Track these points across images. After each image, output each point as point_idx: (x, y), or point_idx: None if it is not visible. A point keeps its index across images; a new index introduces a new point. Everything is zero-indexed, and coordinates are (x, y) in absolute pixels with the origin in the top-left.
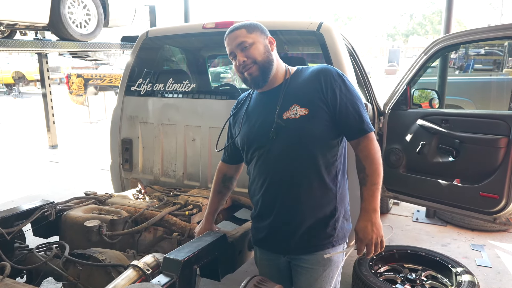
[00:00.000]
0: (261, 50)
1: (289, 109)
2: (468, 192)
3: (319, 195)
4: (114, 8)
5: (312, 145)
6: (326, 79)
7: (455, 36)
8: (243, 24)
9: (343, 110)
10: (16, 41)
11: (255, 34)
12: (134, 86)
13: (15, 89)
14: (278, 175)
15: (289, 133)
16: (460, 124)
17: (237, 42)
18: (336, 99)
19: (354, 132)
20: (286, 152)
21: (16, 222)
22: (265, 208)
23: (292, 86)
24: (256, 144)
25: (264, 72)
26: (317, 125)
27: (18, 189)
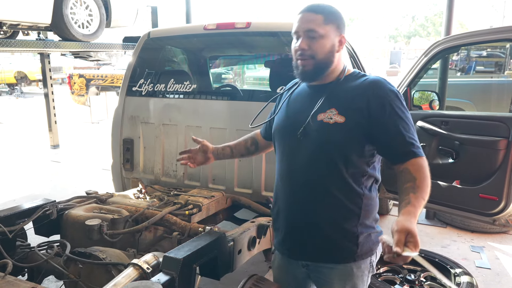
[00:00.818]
0: (327, 48)
1: (325, 112)
2: (468, 193)
3: (339, 209)
4: (116, 9)
5: (338, 156)
6: (377, 92)
7: (456, 38)
8: (323, 9)
9: (391, 129)
10: (19, 41)
11: (330, 27)
12: (136, 87)
13: (17, 89)
14: (298, 178)
15: (317, 137)
16: (460, 126)
17: (307, 27)
18: (385, 115)
19: (401, 154)
20: (310, 157)
21: (18, 221)
22: (283, 211)
23: (339, 88)
24: (284, 138)
25: (317, 71)
26: (349, 138)
27: (20, 188)
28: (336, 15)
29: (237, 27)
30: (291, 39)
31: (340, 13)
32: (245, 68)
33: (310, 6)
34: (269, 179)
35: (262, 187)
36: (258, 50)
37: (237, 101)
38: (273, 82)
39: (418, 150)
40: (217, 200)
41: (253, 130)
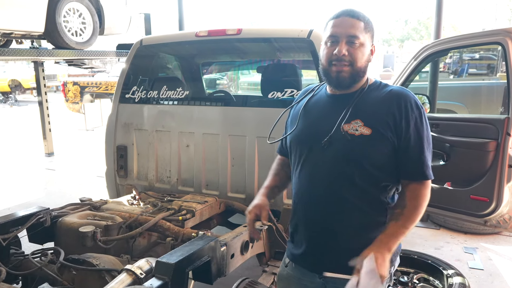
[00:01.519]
0: (365, 56)
1: (350, 123)
2: (459, 195)
3: (363, 219)
4: (109, 17)
5: (363, 168)
6: (403, 105)
7: (444, 41)
8: (363, 16)
9: (410, 145)
10: (12, 50)
11: (368, 35)
12: (129, 94)
13: (11, 97)
14: (321, 189)
15: (342, 148)
16: (450, 128)
17: (349, 33)
18: (408, 130)
19: (410, 172)
20: (334, 168)
21: (12, 229)
22: (303, 222)
23: (364, 99)
24: (304, 148)
25: (353, 79)
26: (375, 150)
27: (15, 196)
28: (371, 24)
29: (228, 33)
30: (282, 45)
31: (373, 24)
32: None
33: (350, 10)
34: (262, 183)
35: (255, 192)
36: (249, 56)
37: (229, 107)
38: (265, 88)
39: (426, 172)
40: (211, 205)
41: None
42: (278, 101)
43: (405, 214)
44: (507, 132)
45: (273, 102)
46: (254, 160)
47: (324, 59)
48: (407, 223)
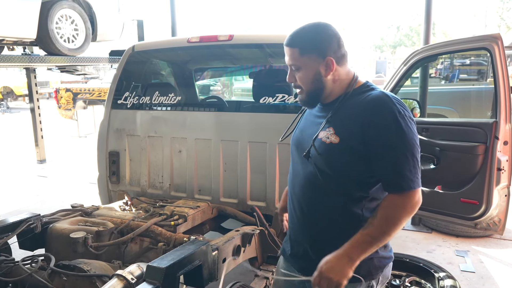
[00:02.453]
0: (309, 78)
1: (325, 130)
2: (449, 198)
3: (337, 231)
4: (102, 23)
5: (333, 179)
6: (375, 114)
7: (433, 47)
8: (298, 42)
9: (378, 154)
10: (4, 56)
11: (308, 57)
12: (121, 99)
13: (3, 104)
14: (299, 199)
15: (314, 157)
16: (440, 132)
17: (288, 62)
18: (378, 139)
19: (389, 184)
20: (307, 178)
21: (1, 235)
22: (290, 221)
23: (345, 105)
24: (294, 154)
25: (311, 99)
26: (343, 159)
27: (6, 204)
28: (314, 42)
29: (220, 39)
30: (275, 51)
31: (321, 35)
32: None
33: (289, 38)
34: (254, 188)
35: (247, 197)
36: (241, 62)
37: (221, 112)
38: (256, 93)
39: (401, 183)
40: (203, 210)
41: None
42: (269, 106)
43: (374, 224)
44: (495, 135)
45: (264, 107)
46: (246, 165)
47: None
48: (374, 233)
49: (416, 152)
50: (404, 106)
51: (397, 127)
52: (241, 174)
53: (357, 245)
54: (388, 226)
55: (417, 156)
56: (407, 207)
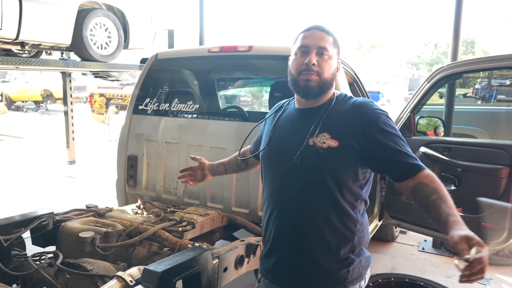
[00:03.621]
0: (332, 69)
1: (318, 136)
2: (470, 222)
3: (332, 236)
4: (134, 31)
5: (333, 181)
6: (366, 114)
7: (458, 65)
8: (332, 32)
9: (385, 150)
10: (41, 60)
11: (336, 51)
12: (142, 105)
13: (42, 106)
14: (292, 204)
15: (311, 162)
16: (462, 153)
17: (319, 44)
18: (380, 136)
19: (408, 170)
20: (305, 182)
21: (15, 230)
22: (273, 238)
23: (331, 112)
24: (275, 163)
25: (320, 89)
26: (344, 161)
27: (32, 202)
28: (339, 41)
29: (239, 50)
30: None
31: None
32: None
33: (320, 25)
34: None
35: (258, 207)
36: (262, 73)
37: (235, 122)
38: (272, 104)
39: (417, 162)
40: (212, 218)
41: None
42: None
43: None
44: None
45: None
46: (258, 175)
47: (293, 69)
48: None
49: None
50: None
51: (389, 124)
52: (253, 184)
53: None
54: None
55: None
56: None
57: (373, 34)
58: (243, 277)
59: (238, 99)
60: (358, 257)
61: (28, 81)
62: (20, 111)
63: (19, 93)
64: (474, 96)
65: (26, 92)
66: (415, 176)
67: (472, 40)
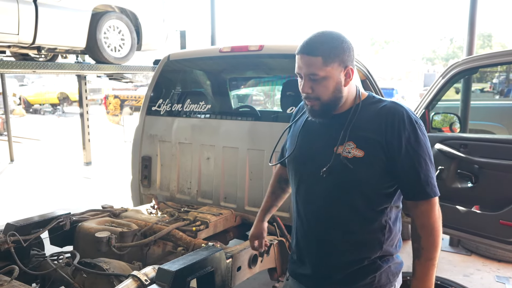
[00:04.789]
0: (331, 88)
1: (343, 144)
2: (488, 219)
3: (360, 245)
4: (147, 33)
5: (359, 192)
6: (394, 123)
7: (474, 59)
8: (322, 49)
9: (405, 165)
10: (57, 64)
11: (332, 66)
12: (155, 106)
13: (59, 109)
14: (318, 214)
15: (336, 172)
16: (479, 149)
17: (309, 72)
18: (401, 149)
19: (414, 193)
20: (330, 193)
21: (33, 231)
22: (300, 243)
23: (356, 117)
24: (303, 170)
25: (326, 110)
26: (370, 172)
27: (50, 203)
28: (337, 50)
29: (250, 49)
30: None
31: (343, 44)
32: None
33: (308, 46)
34: None
35: None
36: (274, 72)
37: (248, 121)
38: (284, 103)
39: (430, 190)
40: (225, 217)
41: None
42: None
43: (423, 247)
44: None
45: (289, 117)
46: (271, 174)
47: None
48: (429, 254)
49: (432, 158)
50: (416, 115)
51: (417, 136)
52: (266, 183)
53: (425, 275)
54: (435, 239)
55: (433, 162)
56: (437, 213)
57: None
58: (257, 276)
59: (251, 99)
60: (387, 263)
61: (45, 84)
62: (38, 113)
63: (36, 96)
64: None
65: (43, 95)
66: (416, 202)
67: (489, 34)
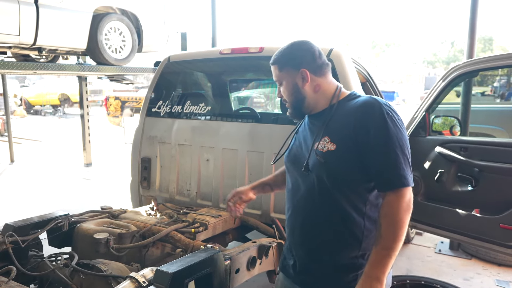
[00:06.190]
0: (289, 90)
1: (320, 141)
2: (488, 223)
3: (339, 240)
4: (148, 35)
5: (334, 186)
6: (364, 115)
7: (475, 62)
8: (276, 59)
9: (373, 157)
10: (57, 65)
11: (286, 71)
12: (155, 108)
13: (60, 110)
14: (300, 211)
15: (314, 168)
16: (479, 152)
17: (274, 79)
18: (369, 142)
19: (381, 183)
20: (312, 189)
21: (32, 231)
22: (289, 237)
23: (335, 115)
24: (291, 171)
25: (296, 109)
26: (342, 165)
27: (49, 204)
28: (289, 56)
29: (251, 51)
30: None
31: (295, 52)
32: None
33: (272, 58)
34: (278, 200)
35: (271, 209)
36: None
37: (247, 123)
38: (283, 105)
39: (398, 180)
40: (224, 219)
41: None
42: None
43: (382, 235)
44: None
45: (288, 119)
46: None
47: None
48: (386, 244)
49: (407, 150)
50: (392, 108)
51: (386, 127)
52: None
53: (377, 263)
54: (395, 230)
55: (408, 155)
56: (403, 205)
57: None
58: (256, 278)
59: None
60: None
61: (46, 85)
62: (39, 115)
63: (37, 97)
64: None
65: (44, 96)
66: (384, 192)
67: (490, 38)
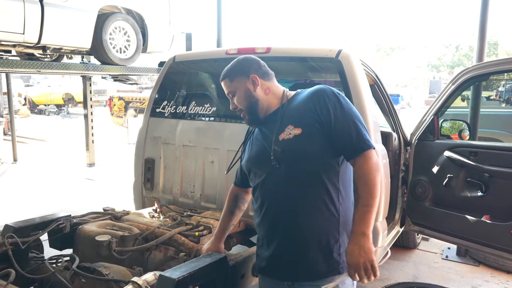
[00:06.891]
0: (242, 96)
1: (284, 131)
2: (498, 230)
3: (320, 221)
4: (153, 35)
5: (308, 166)
6: (320, 98)
7: (485, 65)
8: (226, 73)
9: (338, 129)
10: (62, 64)
11: (236, 81)
12: (159, 108)
13: (64, 110)
14: (278, 202)
15: (285, 156)
16: (489, 157)
17: (226, 92)
18: (330, 117)
19: (351, 151)
20: (285, 177)
21: (32, 233)
22: (267, 236)
23: (288, 109)
24: (257, 170)
25: (252, 113)
26: (311, 144)
27: (51, 204)
28: (237, 67)
29: (257, 52)
30: (311, 65)
31: (242, 63)
32: None
33: (221, 74)
34: None
35: None
36: (281, 75)
37: None
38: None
39: (364, 144)
40: None
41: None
42: None
43: (360, 195)
44: None
45: None
46: None
47: None
48: (365, 201)
49: (361, 119)
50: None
51: (341, 104)
52: None
53: (361, 220)
54: (370, 188)
55: (363, 122)
56: (373, 165)
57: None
58: None
59: None
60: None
61: (51, 85)
62: (43, 114)
63: (41, 96)
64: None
65: (48, 96)
66: (354, 159)
67: (495, 42)
